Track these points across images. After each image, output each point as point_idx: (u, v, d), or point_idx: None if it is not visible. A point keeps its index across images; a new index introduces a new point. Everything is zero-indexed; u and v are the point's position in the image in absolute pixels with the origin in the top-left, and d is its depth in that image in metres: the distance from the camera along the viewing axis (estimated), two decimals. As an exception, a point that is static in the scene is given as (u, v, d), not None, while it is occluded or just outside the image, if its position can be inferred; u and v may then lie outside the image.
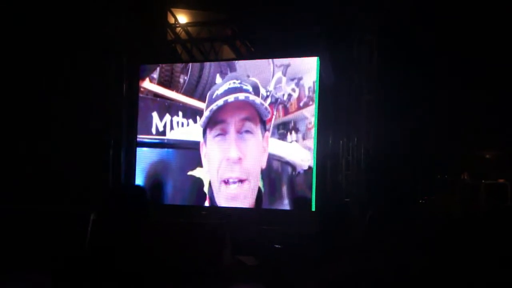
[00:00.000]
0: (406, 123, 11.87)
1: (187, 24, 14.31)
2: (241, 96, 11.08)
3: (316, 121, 10.73)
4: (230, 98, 11.10)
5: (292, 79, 11.00)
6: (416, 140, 12.07)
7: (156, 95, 12.09)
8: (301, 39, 11.74)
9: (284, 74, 11.03)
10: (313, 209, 10.61)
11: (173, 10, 14.23)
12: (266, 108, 10.99)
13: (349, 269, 6.30)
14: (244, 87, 11.14)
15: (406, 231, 8.92)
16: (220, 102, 11.15)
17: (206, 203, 11.39)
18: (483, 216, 11.01)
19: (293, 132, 10.87)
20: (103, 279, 3.52)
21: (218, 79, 11.54)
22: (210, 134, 11.27)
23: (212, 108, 11.19)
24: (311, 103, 10.80)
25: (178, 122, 11.75)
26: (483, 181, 11.91)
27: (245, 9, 13.11)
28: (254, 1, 12.44)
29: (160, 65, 12.17)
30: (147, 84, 12.16)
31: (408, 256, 8.06)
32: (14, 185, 10.47)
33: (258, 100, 11.02)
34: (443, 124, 12.22)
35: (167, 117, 11.87)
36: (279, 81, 11.07)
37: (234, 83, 11.22)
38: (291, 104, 10.98)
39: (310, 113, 10.80)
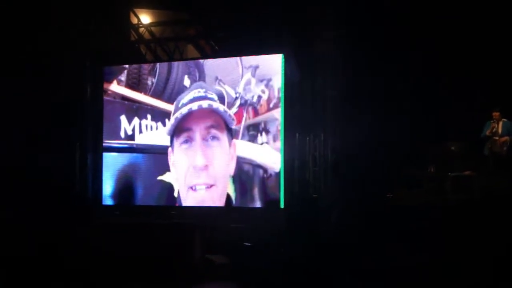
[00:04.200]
0: (371, 118, 11.90)
1: (150, 24, 14.23)
2: (205, 104, 11.02)
3: (283, 119, 10.73)
4: (194, 106, 11.04)
5: (262, 81, 10.97)
6: (382, 134, 12.11)
7: (124, 98, 11.94)
8: (265, 37, 11.74)
9: (253, 75, 10.99)
10: (282, 206, 10.63)
11: (136, 10, 14.13)
12: (230, 116, 10.96)
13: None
14: (209, 95, 11.10)
15: (374, 225, 8.99)
16: (184, 110, 11.09)
17: (176, 206, 11.34)
18: (450, 208, 11.15)
19: (263, 133, 10.83)
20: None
21: (186, 81, 11.45)
22: (177, 142, 11.19)
23: (177, 117, 11.13)
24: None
25: (147, 125, 11.65)
26: (449, 173, 11.97)
27: (208, 8, 13.07)
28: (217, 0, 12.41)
29: (128, 67, 12.01)
30: (114, 87, 12.02)
31: (377, 249, 8.13)
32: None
33: (222, 107, 10.99)
34: (408, 117, 12.27)
35: (136, 120, 11.75)
36: (248, 83, 11.05)
37: (199, 92, 11.16)
38: (261, 106, 10.95)
39: (280, 114, 10.80)
